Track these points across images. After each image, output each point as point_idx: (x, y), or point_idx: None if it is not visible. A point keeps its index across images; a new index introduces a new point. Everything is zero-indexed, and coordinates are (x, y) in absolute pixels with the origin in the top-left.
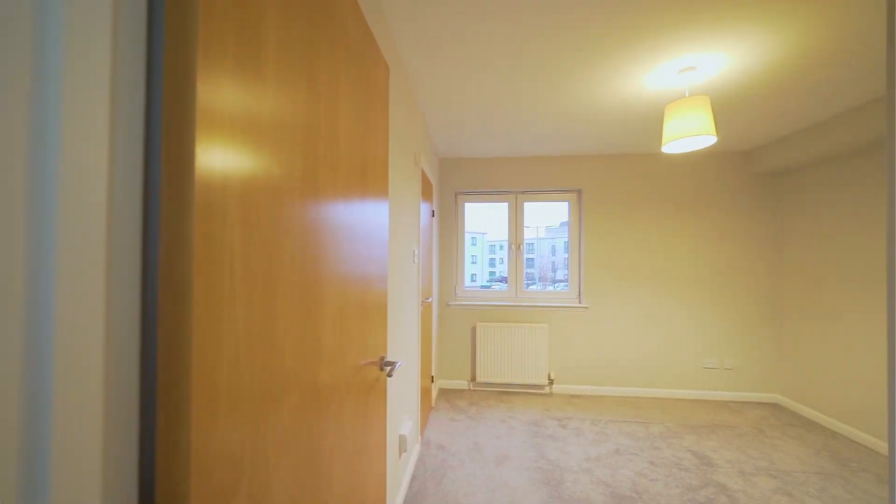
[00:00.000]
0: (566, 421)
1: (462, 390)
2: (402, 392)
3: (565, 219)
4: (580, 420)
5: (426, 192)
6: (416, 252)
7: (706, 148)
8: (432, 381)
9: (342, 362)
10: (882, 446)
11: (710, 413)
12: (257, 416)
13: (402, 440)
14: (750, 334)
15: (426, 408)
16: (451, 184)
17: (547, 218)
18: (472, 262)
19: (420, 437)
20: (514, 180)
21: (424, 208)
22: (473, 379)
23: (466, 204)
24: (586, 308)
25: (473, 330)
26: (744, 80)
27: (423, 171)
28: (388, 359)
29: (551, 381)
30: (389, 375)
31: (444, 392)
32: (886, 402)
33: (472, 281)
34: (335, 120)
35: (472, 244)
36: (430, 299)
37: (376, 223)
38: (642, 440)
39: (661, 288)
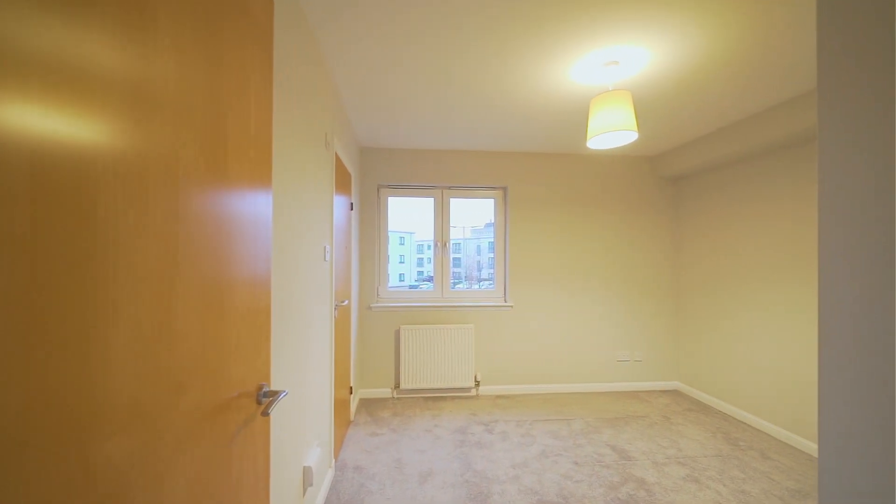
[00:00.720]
0: (492, 425)
1: (385, 399)
2: (308, 416)
3: (489, 220)
4: (506, 422)
5: (343, 183)
6: (329, 249)
7: (622, 151)
8: (351, 393)
9: (176, 404)
10: (764, 425)
11: (624, 404)
12: None
13: (306, 473)
14: (655, 328)
15: (343, 423)
16: (374, 176)
17: (472, 218)
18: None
19: (334, 461)
20: (440, 174)
21: (341, 201)
22: (398, 386)
23: (390, 198)
24: (511, 307)
25: (397, 333)
26: (663, 80)
27: (337, 158)
28: (271, 387)
29: (478, 383)
30: (265, 414)
31: (365, 403)
32: (818, 405)
33: (401, 280)
34: (160, 63)
35: (401, 244)
36: (345, 302)
37: (248, 214)
38: (565, 438)
39: (580, 286)
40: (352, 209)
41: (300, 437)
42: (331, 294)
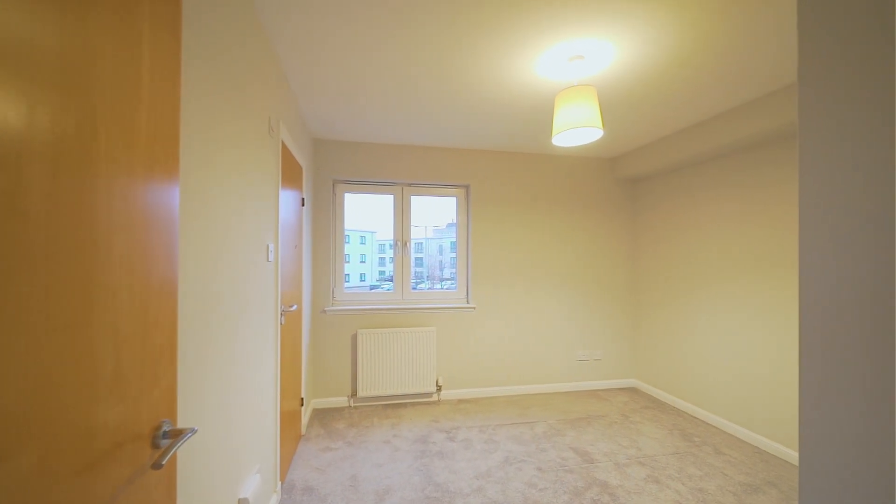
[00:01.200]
0: (455, 432)
1: (341, 409)
2: (245, 440)
3: (451, 220)
4: (468, 429)
5: (292, 176)
6: (273, 248)
7: (584, 151)
8: (302, 405)
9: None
10: (716, 420)
11: (585, 404)
12: None
13: None
14: (614, 327)
15: (292, 438)
16: (329, 170)
17: (435, 218)
18: (362, 262)
19: (280, 484)
20: (400, 171)
21: (290, 196)
22: (355, 394)
23: (347, 195)
24: (474, 308)
25: (354, 338)
26: (627, 78)
27: (285, 148)
28: (177, 424)
29: (439, 388)
30: (156, 466)
31: (319, 414)
32: (798, 409)
33: (363, 280)
34: None
35: (362, 243)
36: (294, 307)
37: (139, 207)
38: (529, 443)
39: (543, 285)
40: (303, 205)
41: (234, 465)
42: (276, 298)
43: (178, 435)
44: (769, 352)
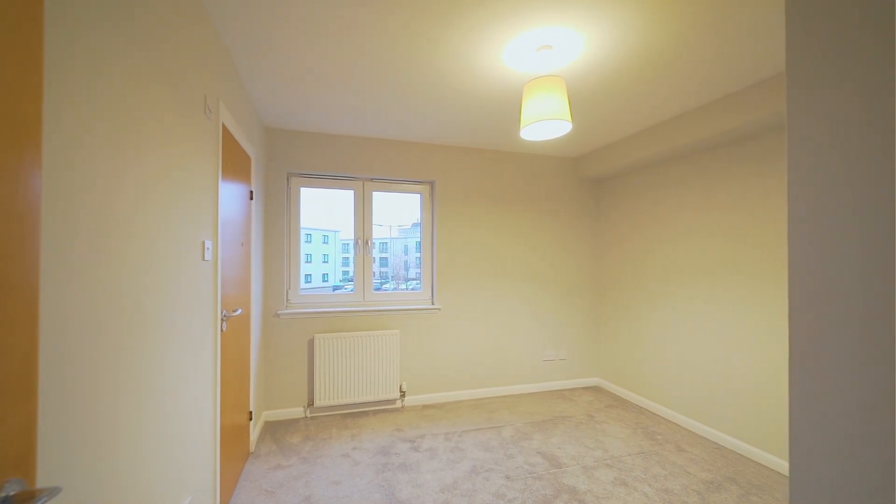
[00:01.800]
0: (419, 441)
1: (296, 420)
2: (173, 464)
3: (416, 219)
4: (434, 436)
5: (238, 167)
6: (210, 246)
7: (549, 150)
8: (251, 418)
9: None
10: (676, 416)
11: (551, 405)
12: None
13: None
14: (579, 326)
15: (238, 457)
16: (282, 161)
17: (399, 217)
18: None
19: None
20: (361, 164)
21: (235, 188)
22: (311, 404)
23: (303, 189)
24: (439, 309)
25: (311, 343)
26: (594, 73)
27: (229, 134)
28: (36, 480)
29: (403, 394)
30: None
31: (271, 427)
32: (788, 415)
33: (325, 281)
34: None
35: (325, 242)
36: (239, 311)
37: None
38: (496, 449)
39: (509, 285)
40: (252, 199)
41: (157, 497)
42: (215, 302)
43: (29, 499)
44: (727, 349)
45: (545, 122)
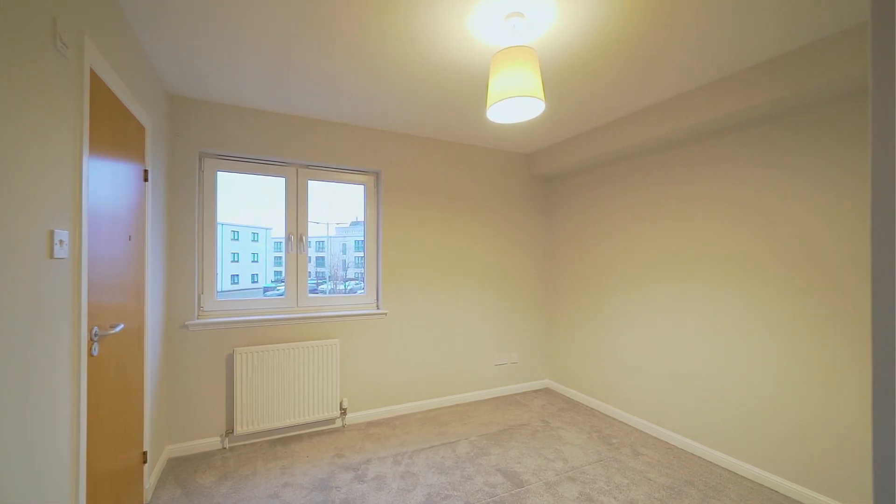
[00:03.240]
0: (364, 467)
1: (211, 453)
2: None
3: (357, 217)
4: (381, 460)
5: (121, 136)
6: (68, 239)
7: (502, 145)
8: (145, 460)
9: None
10: (628, 417)
11: (504, 412)
12: None
13: None
14: (530, 328)
15: None
16: (194, 138)
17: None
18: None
19: None
20: (294, 147)
21: (114, 166)
22: (231, 432)
23: (221, 173)
24: (385, 314)
25: (230, 359)
26: (564, 53)
27: (101, 85)
28: None
29: (344, 412)
30: None
31: (176, 465)
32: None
33: (254, 282)
34: None
35: (254, 240)
36: (119, 327)
37: None
38: (452, 471)
39: (460, 286)
40: (147, 180)
41: None
42: (76, 318)
43: None
44: (679, 348)
45: (516, 98)
